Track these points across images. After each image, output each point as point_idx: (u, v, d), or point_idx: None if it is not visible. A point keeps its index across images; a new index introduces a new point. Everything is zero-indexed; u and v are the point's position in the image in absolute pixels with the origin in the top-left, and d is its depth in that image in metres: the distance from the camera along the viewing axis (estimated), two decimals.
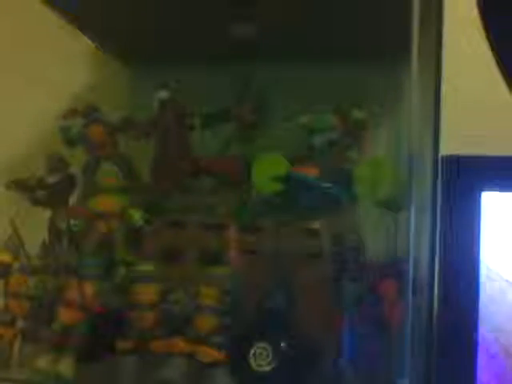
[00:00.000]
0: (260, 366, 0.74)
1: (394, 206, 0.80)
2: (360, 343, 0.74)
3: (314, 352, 0.75)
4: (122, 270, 0.81)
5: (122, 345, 0.78)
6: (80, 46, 1.07)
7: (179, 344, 0.76)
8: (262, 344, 0.74)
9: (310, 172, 0.78)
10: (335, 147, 0.82)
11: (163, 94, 0.91)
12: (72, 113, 0.92)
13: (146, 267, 0.80)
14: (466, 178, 0.75)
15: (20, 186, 0.85)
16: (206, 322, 0.76)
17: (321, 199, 0.78)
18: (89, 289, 0.79)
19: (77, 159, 0.92)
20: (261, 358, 0.74)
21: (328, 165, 0.80)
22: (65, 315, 0.79)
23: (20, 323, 0.82)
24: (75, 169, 0.91)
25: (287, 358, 0.74)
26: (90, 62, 1.07)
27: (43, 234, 0.87)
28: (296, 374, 0.74)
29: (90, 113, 0.93)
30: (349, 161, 0.82)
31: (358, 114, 0.83)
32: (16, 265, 0.83)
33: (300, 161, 0.81)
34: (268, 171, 0.81)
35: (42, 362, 0.77)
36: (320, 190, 0.76)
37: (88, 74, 1.06)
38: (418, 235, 0.75)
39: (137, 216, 0.82)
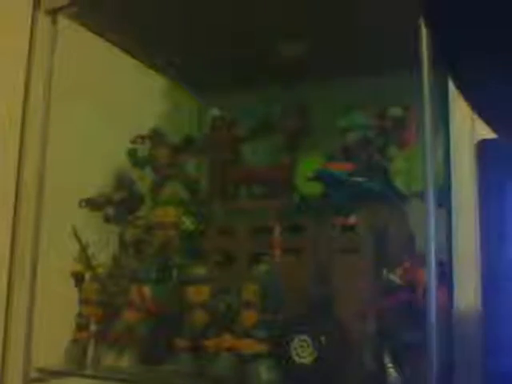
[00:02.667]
0: (301, 357, 0.76)
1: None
2: (398, 334, 0.74)
3: (353, 344, 0.76)
4: (176, 273, 0.87)
5: (178, 343, 0.84)
6: (153, 80, 1.18)
7: (227, 340, 0.81)
8: (303, 336, 0.77)
9: (344, 168, 0.81)
10: (372, 145, 0.84)
11: (214, 112, 0.98)
12: (139, 137, 1.02)
13: (198, 270, 0.86)
14: (499, 162, 0.74)
15: (91, 203, 0.95)
16: (249, 317, 0.80)
17: (354, 194, 0.79)
18: (148, 291, 0.87)
19: (144, 179, 1.01)
20: (302, 349, 0.76)
21: (364, 161, 0.82)
22: (128, 316, 0.87)
23: (93, 326, 0.91)
24: (141, 187, 1.00)
25: (328, 350, 0.76)
26: (161, 94, 1.18)
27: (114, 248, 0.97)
28: (337, 366, 0.76)
29: (155, 136, 1.02)
30: (386, 157, 0.83)
31: (394, 111, 0.85)
32: (88, 274, 0.92)
33: (336, 159, 0.83)
34: (306, 173, 0.85)
35: (109, 359, 0.85)
36: (351, 185, 0.78)
37: (158, 104, 1.17)
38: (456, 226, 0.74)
39: (188, 222, 0.88)
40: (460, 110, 0.80)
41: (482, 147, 0.75)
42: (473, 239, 0.75)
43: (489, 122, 0.37)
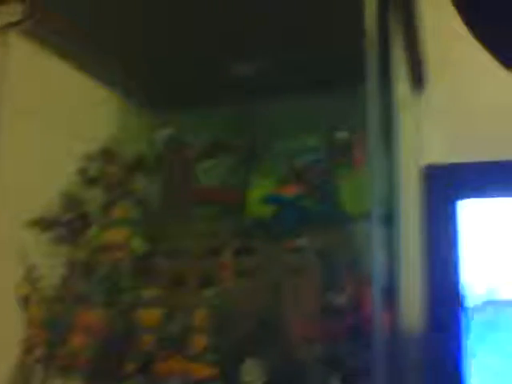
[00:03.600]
0: (250, 381, 0.76)
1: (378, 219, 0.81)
2: (345, 356, 0.75)
3: (302, 367, 0.77)
4: (126, 296, 0.87)
5: (127, 367, 0.83)
6: (101, 94, 1.17)
7: (177, 364, 0.80)
8: (252, 360, 0.77)
9: (290, 191, 0.82)
10: (319, 167, 0.85)
11: (166, 132, 0.98)
12: (90, 156, 1.01)
13: (148, 292, 0.85)
14: (442, 187, 0.76)
15: (38, 224, 0.93)
16: (199, 342, 0.80)
17: (303, 217, 0.80)
18: (96, 315, 0.85)
19: (94, 198, 1.00)
20: (251, 373, 0.76)
21: (312, 183, 0.84)
22: (75, 339, 0.85)
23: (39, 350, 0.89)
24: (91, 207, 0.99)
25: (276, 373, 0.76)
26: (109, 108, 1.17)
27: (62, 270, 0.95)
28: None
29: (106, 155, 1.01)
30: (334, 178, 0.84)
31: (342, 135, 0.87)
32: (34, 297, 0.90)
33: (286, 182, 0.84)
34: (258, 196, 0.86)
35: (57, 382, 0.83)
36: (299, 208, 0.79)
37: (107, 119, 1.16)
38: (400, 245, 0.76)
39: (137, 244, 0.87)
40: (407, 135, 0.82)
41: (428, 172, 0.77)
42: (418, 261, 0.77)
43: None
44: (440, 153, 0.87)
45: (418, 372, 0.75)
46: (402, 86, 0.86)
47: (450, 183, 0.75)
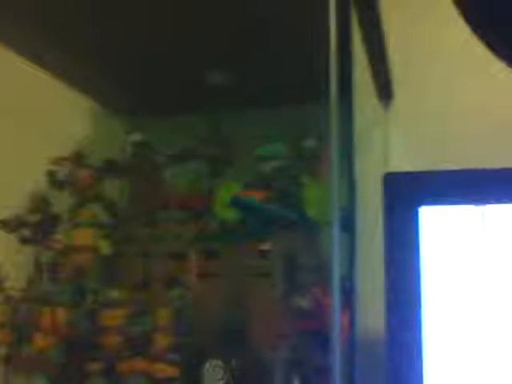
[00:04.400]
0: (213, 382, 0.77)
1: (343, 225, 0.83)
2: (308, 359, 0.77)
3: (265, 369, 0.78)
4: (91, 297, 0.87)
5: (91, 366, 0.84)
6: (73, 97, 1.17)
7: (140, 363, 0.81)
8: (215, 361, 0.78)
9: (256, 195, 0.84)
10: (286, 173, 0.87)
11: (135, 137, 0.99)
12: (59, 159, 1.01)
13: (113, 294, 0.86)
14: (403, 194, 0.78)
15: (4, 225, 0.93)
16: (162, 341, 0.80)
17: (267, 221, 0.82)
18: (61, 315, 0.86)
19: (62, 200, 1.00)
20: (214, 374, 0.77)
21: (278, 189, 0.85)
22: (39, 340, 0.85)
23: (2, 351, 0.89)
24: (59, 209, 0.99)
25: (240, 375, 0.77)
26: (80, 112, 1.18)
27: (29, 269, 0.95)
28: None
29: (76, 158, 1.02)
30: (300, 185, 0.86)
31: (308, 142, 0.89)
32: (0, 297, 0.90)
33: (252, 187, 0.86)
34: (224, 199, 0.87)
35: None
36: (264, 212, 0.81)
37: (78, 122, 1.17)
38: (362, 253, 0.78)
39: (104, 245, 0.88)
40: (368, 143, 0.85)
41: (388, 179, 0.79)
42: (378, 265, 0.79)
43: None
44: (405, 161, 0.91)
45: (378, 372, 0.76)
46: (366, 96, 0.89)
47: (410, 190, 0.77)
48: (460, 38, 0.83)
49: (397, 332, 0.78)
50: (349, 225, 0.80)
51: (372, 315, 0.78)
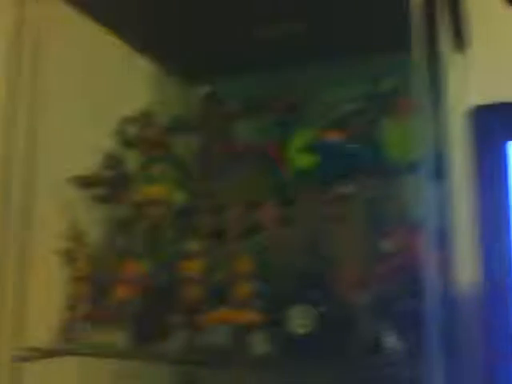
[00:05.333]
0: (298, 327, 0.76)
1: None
2: (394, 301, 0.74)
3: (350, 313, 0.76)
4: (169, 249, 0.87)
5: (172, 318, 0.83)
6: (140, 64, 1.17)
7: (223, 313, 0.80)
8: (299, 306, 0.76)
9: (336, 136, 0.81)
10: (363, 116, 0.84)
11: (205, 89, 0.98)
12: (128, 119, 1.01)
13: (191, 245, 0.85)
14: (491, 127, 0.75)
15: (79, 181, 0.94)
16: (244, 289, 0.79)
17: (347, 164, 0.80)
18: (140, 267, 0.86)
19: (133, 159, 1.00)
20: (299, 320, 0.76)
21: (356, 130, 0.83)
22: (119, 293, 0.85)
23: (83, 305, 0.89)
24: (130, 167, 0.99)
25: (325, 320, 0.76)
26: (145, 74, 1.17)
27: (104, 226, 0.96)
28: (334, 335, 0.75)
29: (143, 117, 1.01)
30: (378, 128, 0.83)
31: (386, 83, 0.86)
32: (78, 252, 0.91)
33: (327, 130, 0.84)
34: (300, 145, 0.85)
35: (101, 336, 0.84)
36: (344, 151, 0.78)
37: (143, 84, 1.16)
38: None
39: (180, 197, 0.87)
40: (453, 81, 0.81)
41: (474, 114, 0.76)
42: (470, 208, 0.75)
43: None
44: (487, 94, 0.86)
45: (472, 323, 0.73)
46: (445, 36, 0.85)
47: (499, 123, 0.73)
48: None
49: (488, 268, 0.75)
50: (436, 164, 0.76)
51: (465, 262, 0.75)
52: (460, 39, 0.98)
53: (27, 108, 0.90)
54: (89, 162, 0.98)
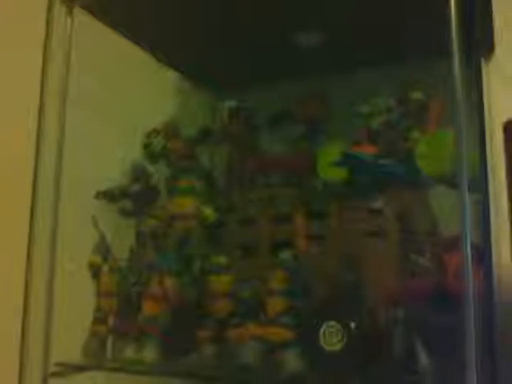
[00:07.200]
0: (330, 344, 0.74)
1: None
2: (428, 318, 0.72)
3: (383, 330, 0.75)
4: (197, 264, 0.86)
5: (200, 334, 0.82)
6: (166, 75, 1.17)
7: (252, 329, 0.79)
8: (331, 323, 0.75)
9: (367, 150, 0.80)
10: (394, 128, 0.82)
11: (232, 103, 0.97)
12: (154, 131, 1.01)
13: (220, 259, 0.84)
14: None
15: (107, 195, 0.93)
16: (275, 305, 0.78)
17: (378, 178, 0.78)
18: (169, 282, 0.85)
19: (159, 172, 1.00)
20: (331, 336, 0.74)
21: (387, 145, 0.81)
22: (148, 308, 0.85)
23: (111, 319, 0.89)
24: (156, 180, 0.99)
25: (357, 337, 0.74)
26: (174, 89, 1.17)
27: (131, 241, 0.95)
28: (366, 352, 0.74)
29: (169, 130, 1.01)
30: (410, 140, 0.82)
31: (416, 95, 0.84)
32: (105, 266, 0.90)
33: (359, 144, 0.82)
34: (329, 159, 0.84)
35: (130, 352, 0.83)
36: (376, 167, 0.77)
37: (172, 99, 1.16)
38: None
39: (208, 213, 0.87)
40: (491, 92, 0.79)
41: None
42: (508, 222, 0.73)
43: None
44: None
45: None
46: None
47: None
48: None
49: None
50: (473, 178, 0.75)
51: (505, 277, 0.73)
52: (491, 48, 0.97)
53: (56, 121, 0.90)
54: (116, 175, 0.98)
